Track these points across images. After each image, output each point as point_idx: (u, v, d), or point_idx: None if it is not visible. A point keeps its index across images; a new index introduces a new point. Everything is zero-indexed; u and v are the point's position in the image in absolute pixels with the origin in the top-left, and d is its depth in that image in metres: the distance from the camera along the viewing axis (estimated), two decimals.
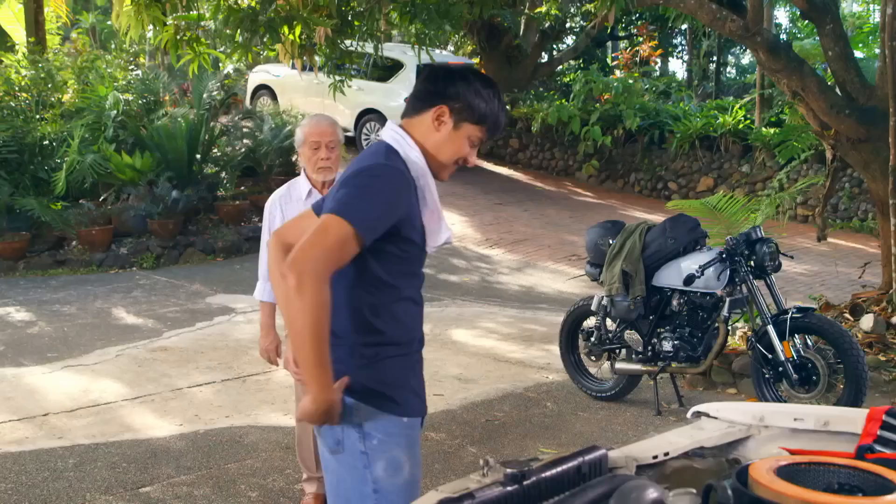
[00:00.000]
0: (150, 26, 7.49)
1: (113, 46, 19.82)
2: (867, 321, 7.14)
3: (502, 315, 9.30)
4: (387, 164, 2.52)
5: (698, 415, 2.27)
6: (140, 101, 13.41)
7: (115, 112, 12.53)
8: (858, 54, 12.63)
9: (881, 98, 7.30)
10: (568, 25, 20.95)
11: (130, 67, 16.49)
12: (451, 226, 2.55)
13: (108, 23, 18.32)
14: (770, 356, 5.72)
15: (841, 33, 7.63)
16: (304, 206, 4.18)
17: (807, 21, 9.67)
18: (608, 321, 6.45)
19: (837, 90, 7.65)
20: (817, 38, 8.48)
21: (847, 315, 7.51)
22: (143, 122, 12.82)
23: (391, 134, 2.61)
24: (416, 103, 2.63)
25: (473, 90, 2.58)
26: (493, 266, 11.78)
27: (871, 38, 16.49)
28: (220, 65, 15.73)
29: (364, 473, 2.52)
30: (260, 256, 4.59)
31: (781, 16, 26.64)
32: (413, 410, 2.64)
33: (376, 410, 2.54)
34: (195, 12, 7.58)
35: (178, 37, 7.34)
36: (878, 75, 7.62)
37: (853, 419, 2.09)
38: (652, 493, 1.66)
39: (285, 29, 7.29)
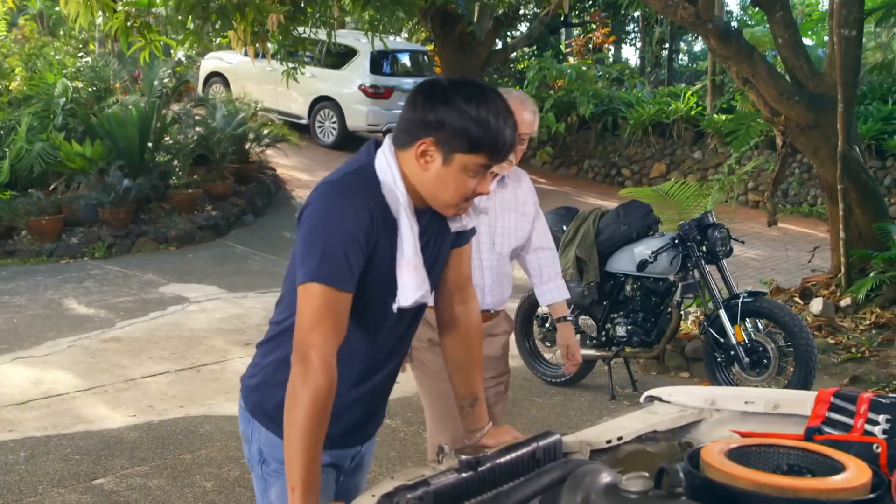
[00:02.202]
0: (100, 13, 7.39)
1: (62, 33, 19.48)
2: (816, 305, 7.26)
3: None
4: (333, 183, 2.15)
5: (651, 399, 2.29)
6: (90, 89, 13.21)
7: (64, 100, 12.32)
8: (807, 41, 12.79)
9: (830, 85, 7.40)
10: (522, 12, 20.94)
11: (80, 55, 16.26)
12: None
13: (57, 9, 17.97)
14: (722, 340, 5.80)
15: (790, 21, 7.72)
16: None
17: (757, 8, 9.76)
18: None
19: (787, 77, 7.74)
20: (767, 25, 8.57)
21: (797, 299, 7.62)
22: (94, 110, 12.63)
23: (381, 162, 2.18)
24: (401, 136, 2.16)
25: (457, 111, 2.07)
26: None
27: (819, 25, 16.70)
28: (172, 52, 15.54)
29: (262, 498, 2.39)
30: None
31: (732, 3, 26.98)
32: None
33: (271, 434, 2.30)
34: None
35: (129, 23, 7.25)
36: (827, 62, 7.73)
37: (802, 401, 2.12)
38: (605, 478, 1.67)
39: (237, 15, 7.23)
